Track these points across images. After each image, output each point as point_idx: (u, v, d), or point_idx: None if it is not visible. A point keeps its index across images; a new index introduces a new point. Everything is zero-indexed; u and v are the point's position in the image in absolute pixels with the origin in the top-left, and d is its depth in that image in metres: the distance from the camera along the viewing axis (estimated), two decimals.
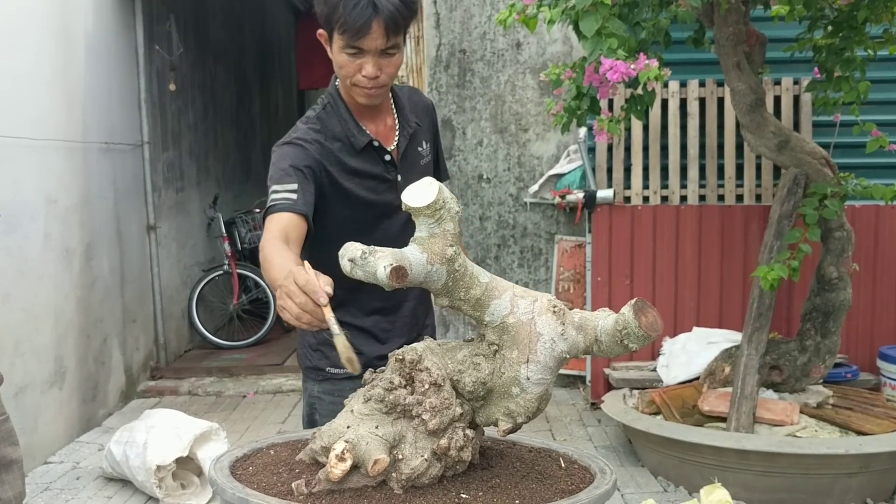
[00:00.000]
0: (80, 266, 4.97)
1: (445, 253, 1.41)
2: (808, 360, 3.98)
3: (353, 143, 2.10)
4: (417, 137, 2.22)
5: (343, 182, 2.09)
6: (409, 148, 2.19)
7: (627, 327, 1.40)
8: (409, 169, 2.17)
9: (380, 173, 2.13)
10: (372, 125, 2.14)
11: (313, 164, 2.04)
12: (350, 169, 2.10)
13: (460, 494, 1.42)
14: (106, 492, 4.02)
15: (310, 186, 2.02)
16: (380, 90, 2.04)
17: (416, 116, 2.23)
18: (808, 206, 3.73)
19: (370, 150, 2.12)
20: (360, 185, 2.11)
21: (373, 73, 1.98)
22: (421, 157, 2.22)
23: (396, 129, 2.18)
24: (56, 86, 4.79)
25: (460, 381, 1.46)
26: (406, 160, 2.18)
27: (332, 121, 2.11)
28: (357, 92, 2.04)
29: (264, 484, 1.48)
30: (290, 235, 1.94)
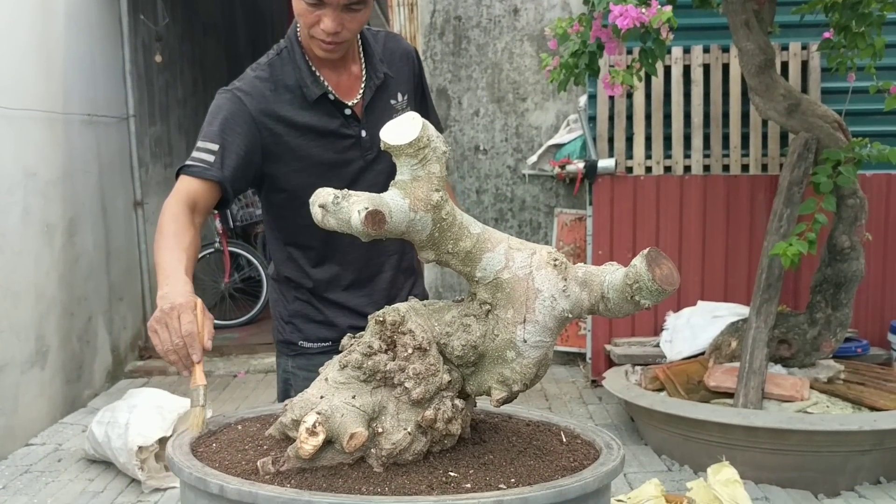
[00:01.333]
0: (62, 242, 4.79)
1: (431, 199, 1.24)
2: (818, 333, 3.82)
3: (305, 94, 1.86)
4: (390, 88, 1.96)
5: (293, 140, 1.85)
6: (376, 100, 1.93)
7: (639, 281, 1.22)
8: (377, 123, 1.79)
9: (337, 129, 1.89)
10: (333, 75, 1.90)
11: (250, 124, 1.81)
12: (301, 125, 1.86)
13: (448, 472, 1.25)
14: (88, 474, 3.86)
15: (238, 150, 1.80)
16: (339, 46, 1.82)
17: (391, 65, 1.97)
18: (821, 174, 3.55)
19: (325, 102, 1.87)
20: (314, 144, 1.87)
21: (332, 27, 1.76)
22: (394, 111, 1.94)
23: (363, 79, 1.93)
24: (33, 53, 4.59)
25: (448, 344, 1.29)
26: (372, 113, 1.92)
27: (285, 68, 1.87)
28: (315, 44, 1.82)
29: (227, 462, 1.31)
30: (198, 204, 1.80)
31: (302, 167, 1.87)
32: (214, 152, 1.80)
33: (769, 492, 3.43)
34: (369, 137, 1.90)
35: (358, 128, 1.91)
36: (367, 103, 1.92)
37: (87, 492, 3.66)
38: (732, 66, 4.77)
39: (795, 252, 3.40)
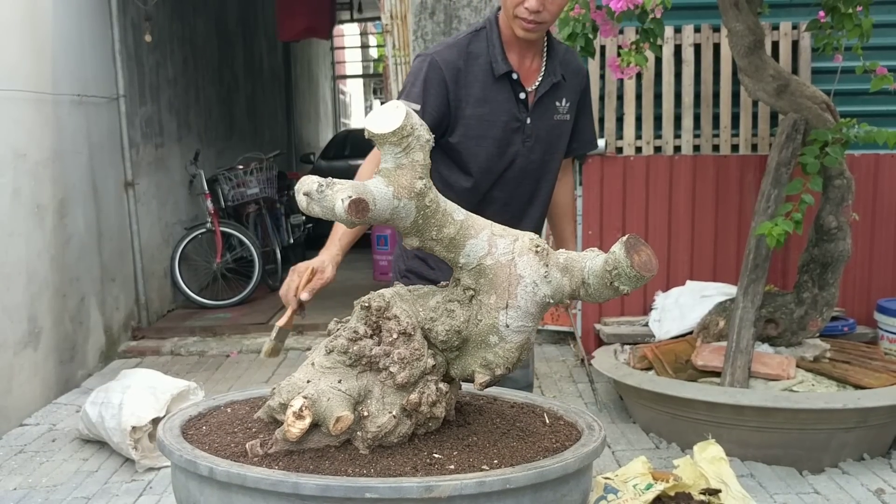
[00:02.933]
0: (53, 223, 4.79)
1: (414, 186, 1.26)
2: (804, 312, 3.86)
3: (493, 67, 2.09)
4: (559, 90, 2.17)
5: (470, 108, 2.08)
6: (547, 95, 2.15)
7: (618, 267, 1.25)
8: (541, 117, 2.15)
9: (510, 110, 2.11)
10: (517, 59, 2.12)
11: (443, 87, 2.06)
12: (482, 97, 2.08)
13: (433, 454, 1.29)
14: (82, 454, 3.90)
15: (433, 111, 2.06)
16: (539, 26, 2.03)
17: (565, 72, 2.19)
18: (808, 155, 3.57)
19: (506, 81, 2.10)
20: (487, 116, 2.07)
21: (535, 6, 1.98)
22: (556, 112, 2.17)
23: (541, 73, 2.15)
24: (22, 33, 4.57)
25: (432, 329, 1.32)
26: (541, 106, 2.15)
27: (479, 43, 2.11)
28: (517, 24, 2.03)
29: (216, 445, 1.34)
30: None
31: (471, 135, 2.09)
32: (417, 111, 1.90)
33: (755, 469, 3.48)
34: (532, 126, 2.14)
35: (526, 115, 2.13)
36: (539, 95, 2.14)
37: (82, 472, 3.69)
38: (723, 46, 4.77)
39: (781, 231, 3.43)
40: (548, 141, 2.19)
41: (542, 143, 2.17)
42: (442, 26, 5.43)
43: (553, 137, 2.20)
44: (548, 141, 2.19)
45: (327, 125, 16.31)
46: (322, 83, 15.88)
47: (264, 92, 10.59)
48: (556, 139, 2.21)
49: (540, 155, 2.17)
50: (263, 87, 10.56)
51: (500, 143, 2.11)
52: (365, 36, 19.94)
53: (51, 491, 3.48)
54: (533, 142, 2.14)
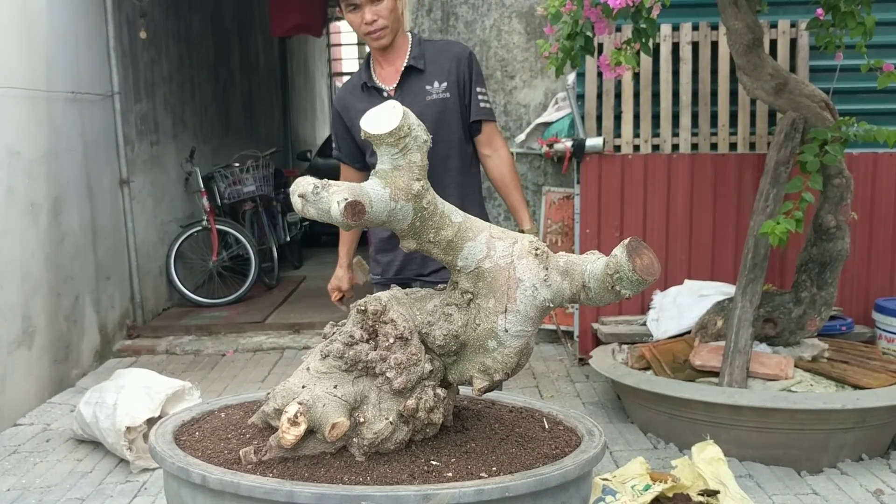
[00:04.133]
0: (47, 221, 4.76)
1: (411, 188, 1.23)
2: (803, 312, 3.84)
3: (360, 86, 2.64)
4: (424, 76, 2.60)
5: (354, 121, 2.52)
6: (407, 84, 2.60)
7: (620, 271, 1.23)
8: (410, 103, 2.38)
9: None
10: (384, 70, 2.63)
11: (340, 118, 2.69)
12: (358, 110, 2.41)
13: (430, 461, 1.26)
14: (76, 454, 3.87)
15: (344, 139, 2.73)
16: (382, 32, 2.52)
17: (434, 61, 2.61)
18: (808, 153, 3.55)
19: (370, 89, 2.62)
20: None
21: (369, 18, 2.48)
22: (427, 94, 2.59)
23: (400, 73, 2.62)
24: (15, 30, 4.53)
25: (430, 334, 1.29)
26: (404, 95, 2.55)
27: (359, 74, 2.69)
28: (368, 40, 2.54)
29: (210, 451, 1.31)
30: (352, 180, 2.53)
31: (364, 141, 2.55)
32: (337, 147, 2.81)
33: (753, 469, 3.47)
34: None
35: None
36: (400, 88, 2.60)
37: (76, 472, 3.67)
38: (721, 44, 4.75)
39: (783, 230, 3.40)
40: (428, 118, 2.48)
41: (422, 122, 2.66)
42: (439, 23, 5.40)
43: (432, 114, 2.57)
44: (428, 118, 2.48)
45: (324, 122, 16.27)
46: (318, 80, 15.84)
47: (260, 89, 10.55)
48: (439, 115, 2.61)
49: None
50: (259, 84, 10.52)
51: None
52: None
53: (45, 492, 3.45)
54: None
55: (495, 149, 2.75)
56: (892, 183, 4.78)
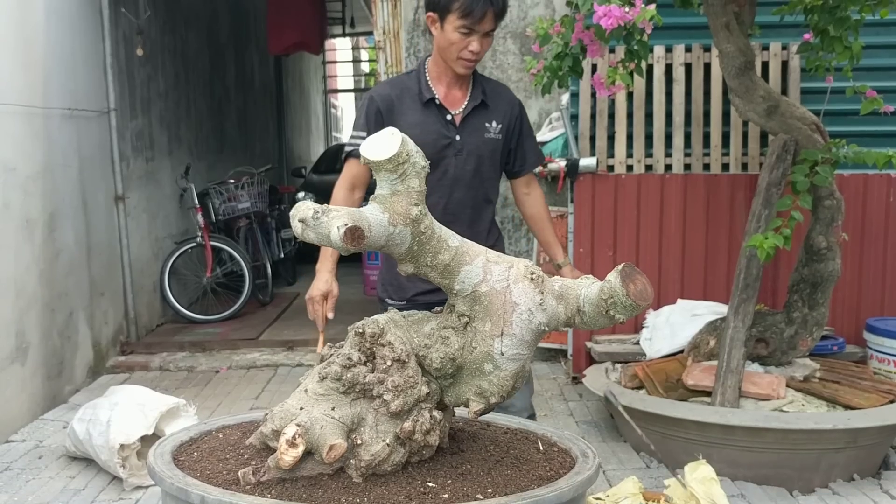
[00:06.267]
0: (42, 237, 4.77)
1: (410, 213, 1.26)
2: (795, 332, 3.87)
3: (420, 98, 2.60)
4: (487, 113, 2.66)
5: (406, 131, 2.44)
6: (472, 116, 2.63)
7: (614, 296, 1.25)
8: (471, 133, 2.63)
9: (439, 129, 2.59)
10: (443, 90, 2.63)
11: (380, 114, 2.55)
12: (413, 121, 2.52)
13: (426, 483, 1.28)
14: (69, 471, 3.86)
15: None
16: (474, 63, 2.58)
17: (493, 99, 2.69)
18: (798, 173, 3.59)
19: (433, 106, 2.60)
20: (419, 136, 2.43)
21: (478, 49, 2.52)
22: (486, 131, 2.65)
23: (466, 99, 2.65)
24: (12, 46, 4.55)
25: (427, 356, 1.31)
26: (468, 125, 2.62)
27: (410, 81, 2.66)
28: (459, 64, 2.55)
29: (208, 472, 1.32)
30: (357, 182, 2.63)
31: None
32: (363, 137, 2.44)
33: (745, 489, 3.48)
34: (462, 141, 2.63)
35: (454, 132, 2.63)
36: (464, 115, 2.63)
37: (68, 489, 3.65)
38: (714, 66, 4.80)
39: (771, 245, 3.43)
40: (478, 154, 2.67)
41: (473, 155, 2.66)
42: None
43: (484, 151, 2.67)
44: (478, 154, 2.67)
45: (319, 139, 16.32)
46: (314, 97, 15.89)
47: (256, 105, 10.59)
48: (489, 153, 2.69)
49: (473, 165, 2.66)
50: (255, 100, 10.56)
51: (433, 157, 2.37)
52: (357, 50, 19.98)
53: None
54: (465, 154, 2.64)
55: (532, 188, 2.92)
56: (882, 204, 4.82)
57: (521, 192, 2.91)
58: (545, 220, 2.94)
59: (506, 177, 2.90)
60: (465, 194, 2.68)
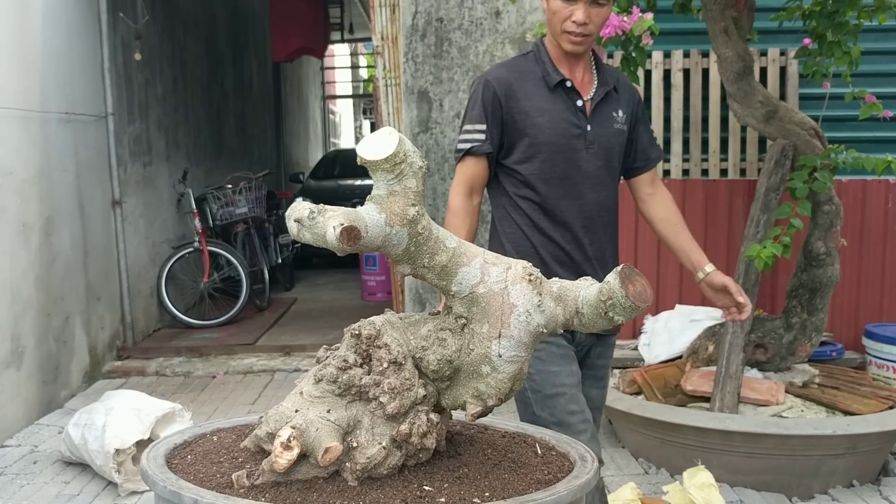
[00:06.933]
0: (38, 241, 4.75)
1: (407, 213, 1.24)
2: (793, 337, 3.85)
3: (546, 81, 2.21)
4: (614, 101, 2.28)
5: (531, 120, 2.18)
6: (603, 104, 2.25)
7: (613, 297, 1.24)
8: (601, 124, 2.25)
9: (569, 118, 2.21)
10: (568, 74, 2.23)
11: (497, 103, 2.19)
12: (539, 108, 2.19)
13: (423, 486, 1.26)
14: (63, 477, 3.83)
15: (496, 125, 2.20)
16: (585, 38, 2.16)
17: (617, 84, 2.30)
18: (797, 179, 3.58)
19: (561, 91, 2.21)
20: (548, 125, 2.18)
21: (582, 18, 2.11)
22: (614, 121, 2.27)
23: (594, 84, 2.26)
24: (10, 50, 4.54)
25: (424, 358, 1.30)
26: (598, 114, 2.24)
27: (528, 64, 2.25)
28: (564, 39, 2.16)
29: (202, 475, 1.31)
30: (475, 185, 2.26)
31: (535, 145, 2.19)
32: (483, 130, 2.19)
33: (744, 495, 3.46)
34: (593, 133, 2.24)
35: (585, 122, 2.23)
36: (595, 103, 2.24)
37: (63, 494, 3.63)
38: (712, 71, 4.80)
39: (769, 254, 3.43)
40: (608, 148, 2.28)
41: (604, 149, 2.27)
42: (433, 48, 5.45)
43: (614, 144, 2.29)
44: (608, 148, 2.28)
45: (317, 145, 16.31)
46: (312, 103, 15.90)
47: (254, 111, 10.58)
48: (618, 146, 2.31)
49: (603, 161, 2.27)
50: (253, 106, 10.56)
51: (564, 150, 2.20)
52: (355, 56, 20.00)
53: None
54: (596, 148, 2.24)
55: (657, 187, 2.47)
56: (880, 210, 4.82)
57: (644, 192, 2.42)
58: (678, 222, 2.45)
59: (624, 177, 2.44)
60: (600, 195, 2.27)
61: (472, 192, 2.24)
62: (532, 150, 2.19)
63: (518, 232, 2.25)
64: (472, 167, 2.22)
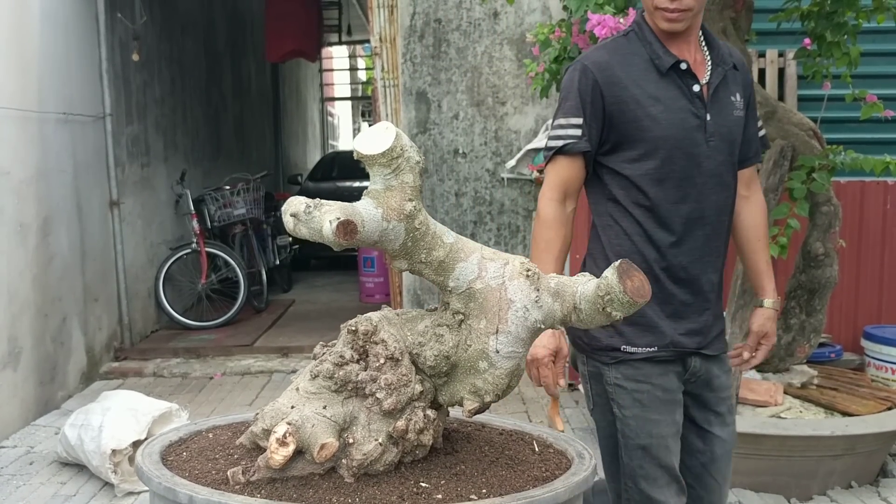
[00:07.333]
0: (35, 242, 4.74)
1: (404, 208, 1.24)
2: (792, 339, 3.85)
3: (657, 65, 1.86)
4: (730, 85, 1.93)
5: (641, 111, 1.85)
6: (721, 88, 1.91)
7: (611, 292, 1.23)
8: (720, 112, 1.91)
9: (685, 106, 1.87)
10: (678, 54, 1.89)
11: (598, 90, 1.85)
12: (649, 95, 1.86)
13: (419, 483, 1.25)
14: (60, 477, 3.82)
15: (596, 119, 1.86)
16: (682, 14, 1.83)
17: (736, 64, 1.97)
18: (795, 180, 3.58)
19: (674, 75, 1.87)
20: (661, 115, 1.85)
21: None
22: (734, 107, 1.93)
23: (708, 65, 1.91)
24: (7, 50, 4.54)
25: (421, 354, 1.29)
26: (717, 100, 1.90)
27: (633, 44, 1.90)
28: (658, 16, 1.85)
29: (197, 472, 1.30)
30: (569, 189, 1.92)
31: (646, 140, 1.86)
32: (580, 125, 1.85)
33: (743, 496, 3.45)
34: (713, 123, 1.89)
35: (704, 110, 1.89)
36: (714, 88, 1.89)
37: (59, 495, 3.62)
38: None
39: None
40: (730, 140, 1.95)
41: (725, 141, 1.94)
42: (431, 49, 5.44)
43: (735, 135, 1.96)
44: (730, 140, 1.95)
45: (315, 146, 16.31)
46: (310, 105, 15.90)
47: (252, 112, 10.58)
48: (738, 137, 1.98)
49: (725, 156, 1.94)
50: (251, 107, 10.55)
51: (683, 145, 1.87)
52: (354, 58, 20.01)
53: None
54: (717, 140, 1.91)
55: (753, 189, 2.11)
56: (879, 211, 4.81)
57: (738, 194, 2.05)
58: (762, 237, 2.12)
59: None
60: (721, 197, 1.93)
61: (566, 197, 1.92)
62: (646, 147, 1.85)
63: (627, 243, 1.92)
64: (566, 168, 1.89)
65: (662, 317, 1.87)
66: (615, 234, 1.94)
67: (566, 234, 1.94)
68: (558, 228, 1.92)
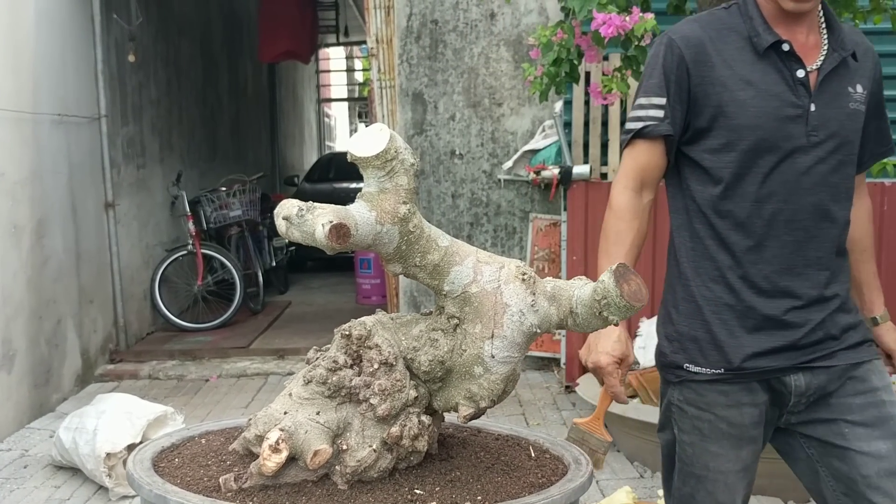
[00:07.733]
0: (30, 243, 4.71)
1: (398, 211, 1.22)
2: None
3: (754, 43, 1.65)
4: (851, 72, 1.70)
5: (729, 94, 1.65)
6: (835, 76, 1.67)
7: (608, 296, 1.21)
8: (830, 103, 1.66)
9: (783, 93, 1.64)
10: (787, 34, 1.66)
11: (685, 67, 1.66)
12: (742, 78, 1.64)
13: (414, 490, 1.24)
14: (54, 481, 3.80)
15: (681, 101, 1.67)
16: None
17: (856, 49, 1.71)
18: None
19: (775, 58, 1.64)
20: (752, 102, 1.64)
21: None
22: (850, 99, 1.69)
23: (823, 48, 1.68)
24: (2, 52, 4.51)
25: (415, 359, 1.28)
26: (827, 90, 1.66)
27: (732, 18, 1.69)
28: None
29: (189, 479, 1.28)
30: (647, 177, 1.73)
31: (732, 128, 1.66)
32: (662, 106, 1.67)
33: None
34: (818, 115, 1.66)
35: (807, 99, 1.66)
36: (824, 74, 1.66)
37: (54, 499, 3.60)
38: None
39: None
40: (841, 136, 1.69)
41: (835, 138, 1.68)
42: (427, 50, 5.43)
43: (847, 131, 1.70)
44: (841, 136, 1.69)
45: (312, 148, 16.30)
46: (307, 106, 15.88)
47: (248, 114, 10.56)
48: (853, 134, 1.71)
49: (833, 153, 1.68)
50: (248, 108, 10.53)
51: (774, 138, 1.64)
52: (351, 60, 20.00)
53: None
54: (822, 136, 1.66)
55: (862, 196, 1.86)
56: (876, 212, 4.73)
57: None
58: (868, 248, 1.89)
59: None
60: (822, 198, 1.68)
61: (644, 186, 1.72)
62: (728, 137, 1.64)
63: (700, 247, 1.72)
64: (645, 153, 1.69)
65: (738, 333, 1.67)
66: (689, 237, 1.74)
67: (640, 227, 1.74)
68: (631, 220, 1.73)
